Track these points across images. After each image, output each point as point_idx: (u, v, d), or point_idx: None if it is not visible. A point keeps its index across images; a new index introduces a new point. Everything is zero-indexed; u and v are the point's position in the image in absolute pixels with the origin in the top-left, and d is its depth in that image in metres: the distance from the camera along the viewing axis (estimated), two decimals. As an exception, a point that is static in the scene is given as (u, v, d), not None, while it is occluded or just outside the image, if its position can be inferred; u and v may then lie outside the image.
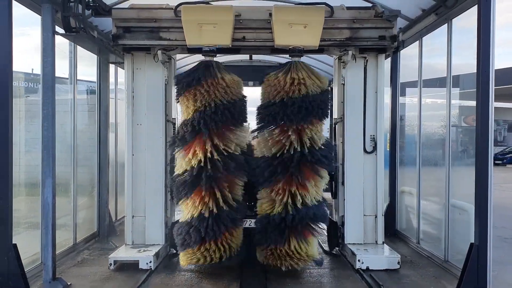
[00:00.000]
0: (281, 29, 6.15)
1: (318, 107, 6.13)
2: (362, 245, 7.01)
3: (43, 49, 5.63)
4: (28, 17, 5.94)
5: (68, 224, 7.39)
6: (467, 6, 5.82)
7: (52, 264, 5.58)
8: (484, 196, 5.35)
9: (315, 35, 6.14)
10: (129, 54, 6.93)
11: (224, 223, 5.91)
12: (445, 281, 5.89)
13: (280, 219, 5.95)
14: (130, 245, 7.00)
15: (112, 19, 6.42)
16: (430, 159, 7.56)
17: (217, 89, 5.98)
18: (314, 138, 6.11)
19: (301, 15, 6.13)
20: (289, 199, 5.97)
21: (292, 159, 5.98)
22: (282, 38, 6.20)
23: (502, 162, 32.01)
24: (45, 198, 5.64)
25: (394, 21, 6.47)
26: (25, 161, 6.50)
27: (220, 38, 6.16)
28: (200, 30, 6.09)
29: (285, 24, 6.10)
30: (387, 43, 6.51)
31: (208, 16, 6.13)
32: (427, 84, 7.66)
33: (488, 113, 5.33)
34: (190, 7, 6.16)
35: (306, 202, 5.99)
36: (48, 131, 5.61)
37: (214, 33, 6.10)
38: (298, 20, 6.11)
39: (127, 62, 7.00)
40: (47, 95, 5.62)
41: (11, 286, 5.21)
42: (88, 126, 8.32)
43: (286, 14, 6.16)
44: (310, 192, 6.03)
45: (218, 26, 6.09)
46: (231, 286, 5.81)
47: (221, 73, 6.10)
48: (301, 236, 6.06)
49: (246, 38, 6.45)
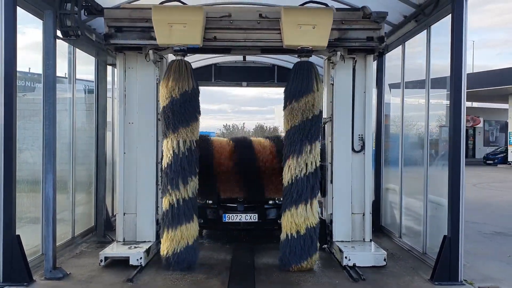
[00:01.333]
0: (290, 30, 6.20)
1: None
2: (350, 242, 7.13)
3: (45, 52, 6.00)
4: (23, 16, 6.06)
5: (67, 219, 7.72)
6: (443, 14, 6.22)
7: (52, 254, 5.95)
8: (456, 192, 5.78)
9: (323, 35, 6.21)
10: (121, 54, 6.99)
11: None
12: (421, 271, 6.29)
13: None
14: (121, 242, 7.09)
15: (104, 18, 6.47)
16: (411, 157, 7.96)
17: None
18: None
19: (310, 16, 6.20)
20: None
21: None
22: (291, 39, 6.26)
23: (493, 162, 32.56)
24: (46, 192, 6.01)
25: (382, 23, 6.57)
26: (23, 159, 6.75)
27: (191, 38, 6.21)
28: (170, 30, 6.14)
29: (294, 25, 6.17)
30: (375, 44, 6.61)
31: (178, 16, 6.16)
32: (410, 86, 8.04)
33: (460, 114, 5.76)
34: (160, 6, 6.23)
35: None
36: (49, 129, 5.97)
37: (184, 33, 6.15)
38: (307, 21, 6.17)
39: (119, 61, 7.06)
40: (48, 95, 5.99)
41: (15, 273, 5.58)
42: (86, 125, 8.66)
43: (295, 15, 6.21)
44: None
45: (188, 26, 6.13)
46: (221, 274, 6.19)
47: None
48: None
49: (237, 38, 6.55)
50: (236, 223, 7.76)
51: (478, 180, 20.80)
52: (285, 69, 12.96)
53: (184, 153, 6.33)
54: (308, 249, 6.30)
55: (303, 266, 6.29)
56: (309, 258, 6.31)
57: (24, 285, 5.57)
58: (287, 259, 6.32)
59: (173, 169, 6.29)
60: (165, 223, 6.38)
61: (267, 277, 6.14)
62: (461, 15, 5.66)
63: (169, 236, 6.33)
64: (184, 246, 6.30)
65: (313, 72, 6.37)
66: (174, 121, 6.28)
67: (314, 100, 6.30)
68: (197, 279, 6.04)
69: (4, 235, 5.58)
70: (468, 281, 5.84)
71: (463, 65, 5.77)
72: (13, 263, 5.61)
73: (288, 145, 6.43)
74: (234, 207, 7.82)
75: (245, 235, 8.46)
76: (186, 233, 6.33)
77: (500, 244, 8.15)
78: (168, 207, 6.36)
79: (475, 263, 6.79)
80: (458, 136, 5.77)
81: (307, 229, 6.30)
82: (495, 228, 9.50)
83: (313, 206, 6.38)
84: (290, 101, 6.36)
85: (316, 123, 6.42)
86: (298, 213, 6.30)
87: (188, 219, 6.36)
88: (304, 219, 6.30)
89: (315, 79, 6.34)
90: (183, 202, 6.34)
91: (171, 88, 6.25)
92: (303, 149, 6.31)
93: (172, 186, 6.31)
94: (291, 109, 6.36)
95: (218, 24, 6.46)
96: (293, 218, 6.31)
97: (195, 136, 6.47)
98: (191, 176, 6.40)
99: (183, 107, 6.29)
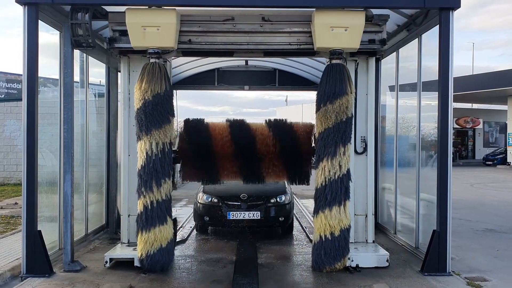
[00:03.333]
0: (322, 32, 6.17)
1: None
2: (353, 243, 7.07)
3: (64, 62, 6.50)
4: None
5: (80, 217, 8.17)
6: (432, 24, 6.68)
7: (70, 248, 6.44)
8: (444, 189, 6.25)
9: (355, 37, 6.18)
10: (126, 57, 7.07)
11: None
12: (413, 264, 6.74)
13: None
14: (126, 244, 7.22)
15: (109, 22, 6.55)
16: (404, 157, 8.42)
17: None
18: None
19: (342, 19, 6.14)
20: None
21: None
22: (323, 41, 6.23)
23: (493, 163, 32.88)
24: (64, 191, 6.49)
25: (384, 25, 6.59)
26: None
27: (164, 40, 6.22)
28: (144, 33, 6.14)
29: (326, 28, 6.14)
30: (376, 46, 6.61)
31: (151, 19, 6.15)
32: (405, 89, 8.47)
33: (447, 115, 6.23)
34: (133, 9, 6.18)
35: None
36: (68, 133, 6.46)
37: (157, 35, 6.15)
38: (340, 23, 6.12)
39: (123, 64, 7.15)
40: (67, 101, 6.48)
41: (37, 266, 6.07)
42: (96, 128, 9.12)
43: (327, 18, 6.15)
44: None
45: (161, 29, 6.14)
46: (226, 267, 6.67)
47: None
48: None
49: (240, 41, 6.65)
50: (239, 220, 8.23)
51: (476, 180, 21.19)
52: (286, 73, 13.46)
53: (157, 155, 6.30)
54: (342, 251, 6.35)
55: (336, 267, 6.37)
56: (342, 259, 6.38)
57: (46, 276, 6.05)
58: (321, 261, 6.36)
59: (146, 171, 6.28)
60: (139, 225, 6.34)
61: (269, 269, 6.61)
62: (447, 26, 6.14)
63: (143, 238, 6.29)
64: (158, 248, 6.29)
65: (345, 74, 6.40)
66: (146, 123, 6.27)
67: (347, 102, 6.32)
68: (204, 271, 6.52)
69: (27, 231, 6.08)
70: (456, 272, 6.30)
71: (449, 70, 6.22)
72: (35, 256, 6.09)
73: (322, 147, 6.42)
74: (238, 205, 8.29)
75: (248, 232, 8.92)
76: (160, 235, 6.30)
77: (490, 240, 8.56)
78: (142, 209, 6.32)
79: (465, 256, 7.24)
80: (445, 135, 6.23)
81: (341, 230, 6.32)
82: (487, 226, 9.92)
83: (346, 207, 6.40)
84: (324, 103, 6.34)
85: (350, 125, 6.45)
86: (333, 215, 6.32)
87: (162, 221, 6.33)
88: (338, 221, 6.31)
89: (348, 81, 6.38)
90: (156, 204, 6.30)
91: (144, 90, 6.27)
92: (337, 151, 6.32)
93: (146, 188, 6.28)
94: (324, 111, 6.34)
95: (221, 27, 6.58)
96: (327, 220, 6.32)
97: (168, 138, 6.44)
98: (164, 178, 6.36)
99: (155, 109, 6.27)
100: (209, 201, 8.51)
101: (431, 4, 6.18)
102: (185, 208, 12.43)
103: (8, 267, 6.29)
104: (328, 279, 6.14)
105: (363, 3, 6.18)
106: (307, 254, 7.49)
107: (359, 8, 6.21)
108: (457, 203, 12.81)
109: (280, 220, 8.49)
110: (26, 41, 6.02)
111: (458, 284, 5.86)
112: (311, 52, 7.06)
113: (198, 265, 6.86)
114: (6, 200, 13.20)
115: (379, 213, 9.51)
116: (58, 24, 6.69)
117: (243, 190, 8.52)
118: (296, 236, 8.92)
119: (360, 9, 6.22)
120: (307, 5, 6.28)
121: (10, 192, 14.84)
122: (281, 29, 6.63)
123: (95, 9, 6.51)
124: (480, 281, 6.00)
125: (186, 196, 14.95)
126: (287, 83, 13.62)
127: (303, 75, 13.41)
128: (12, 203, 12.35)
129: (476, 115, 38.67)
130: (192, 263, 7.01)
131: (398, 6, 6.60)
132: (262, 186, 8.88)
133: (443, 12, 6.17)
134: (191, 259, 7.26)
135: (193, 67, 12.21)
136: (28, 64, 6.04)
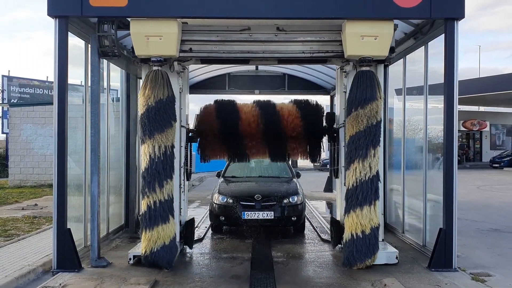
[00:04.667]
0: (353, 41, 6.51)
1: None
2: None
3: (91, 70, 6.92)
4: (32, 21, 6.83)
5: (102, 217, 8.52)
6: (438, 33, 7.04)
7: (97, 245, 6.85)
8: (450, 189, 6.60)
9: (384, 46, 6.53)
10: (147, 65, 7.16)
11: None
12: (421, 261, 7.09)
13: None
14: None
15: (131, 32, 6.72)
16: (412, 159, 8.76)
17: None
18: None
19: (372, 28, 6.49)
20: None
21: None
22: (354, 50, 6.56)
23: (499, 165, 33.03)
24: (92, 191, 6.90)
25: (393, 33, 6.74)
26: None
27: (166, 49, 6.57)
28: (147, 42, 6.49)
29: (357, 36, 6.49)
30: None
31: (154, 28, 6.49)
32: (413, 93, 8.81)
33: (452, 118, 6.58)
34: (137, 20, 6.53)
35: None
36: (95, 137, 6.88)
37: (160, 44, 6.50)
38: (370, 32, 6.47)
39: (144, 71, 7.25)
40: (94, 107, 6.89)
41: (66, 261, 6.48)
42: (115, 131, 9.52)
43: (359, 27, 6.50)
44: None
45: (164, 38, 6.50)
46: (243, 263, 7.05)
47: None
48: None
49: (256, 50, 7.05)
50: (254, 220, 8.61)
51: (483, 182, 21.44)
52: (295, 78, 13.86)
53: (159, 158, 6.60)
54: (372, 248, 6.63)
55: (366, 264, 6.63)
56: (373, 256, 6.65)
57: (75, 271, 6.46)
58: (353, 257, 6.62)
59: (149, 173, 6.59)
60: (143, 224, 6.67)
61: (284, 266, 6.98)
62: (452, 35, 6.52)
63: (147, 236, 6.60)
64: (161, 245, 6.56)
65: (375, 80, 6.72)
66: (150, 128, 6.58)
67: (378, 107, 6.64)
68: (223, 267, 6.91)
69: (57, 228, 6.51)
70: (461, 268, 6.64)
71: (454, 77, 6.57)
72: (65, 253, 6.51)
73: (353, 150, 6.73)
74: (252, 205, 8.66)
75: (262, 232, 9.30)
76: (163, 234, 6.59)
77: (495, 239, 8.88)
78: (146, 208, 6.63)
79: (470, 254, 7.57)
80: (451, 137, 6.60)
81: (371, 229, 6.61)
82: (492, 226, 10.23)
83: (376, 207, 6.69)
84: (356, 108, 6.66)
85: (379, 129, 6.73)
86: (363, 214, 6.60)
87: (164, 220, 6.62)
88: (369, 220, 6.61)
89: (377, 87, 6.70)
90: (159, 204, 6.60)
91: (147, 96, 6.58)
92: (369, 153, 6.63)
93: (149, 188, 6.59)
94: (356, 115, 6.66)
95: (238, 37, 6.97)
96: (358, 219, 6.61)
97: (170, 141, 6.72)
98: (166, 180, 6.66)
99: (158, 114, 6.57)
100: (224, 202, 8.90)
101: (437, 15, 6.55)
102: (199, 209, 12.81)
103: (40, 263, 6.70)
104: (340, 274, 6.51)
105: (372, 14, 6.52)
106: (319, 252, 7.88)
107: (369, 19, 6.56)
108: (463, 205, 13.13)
109: (292, 220, 8.86)
110: (57, 51, 6.45)
111: (463, 279, 6.19)
112: (323, 59, 7.48)
113: (216, 262, 7.25)
114: (25, 201, 13.67)
115: (387, 213, 9.82)
116: (84, 34, 7.12)
117: (257, 191, 8.91)
118: (307, 235, 9.29)
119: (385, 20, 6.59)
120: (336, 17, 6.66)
121: (28, 194, 15.32)
122: (295, 38, 7.01)
123: (120, 20, 6.92)
124: (484, 276, 6.33)
125: (199, 198, 15.38)
126: (296, 88, 14.02)
127: (312, 79, 13.83)
128: (32, 204, 12.81)
129: (483, 118, 38.84)
130: (210, 260, 7.41)
131: (406, 17, 6.94)
132: (275, 187, 9.32)
133: (448, 22, 6.54)
134: (209, 256, 7.66)
135: (204, 72, 12.59)
136: (59, 72, 6.47)
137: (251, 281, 6.18)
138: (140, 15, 6.51)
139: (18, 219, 10.49)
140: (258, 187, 9.40)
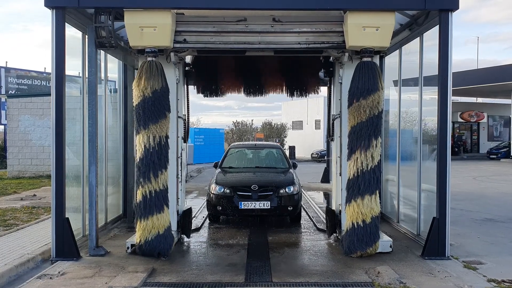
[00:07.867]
0: (354, 32, 6.54)
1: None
2: None
3: (88, 61, 6.96)
4: (29, 12, 6.85)
5: (100, 207, 8.62)
6: (433, 24, 7.09)
7: (95, 234, 6.93)
8: (443, 179, 6.69)
9: (386, 37, 6.57)
10: (143, 56, 7.15)
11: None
12: (414, 249, 7.20)
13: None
14: None
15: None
16: (407, 149, 8.85)
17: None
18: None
19: (374, 19, 6.52)
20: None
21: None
22: (355, 40, 6.59)
23: (497, 156, 33.21)
24: (90, 181, 6.97)
25: None
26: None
27: (160, 40, 6.60)
28: (142, 33, 6.53)
29: (359, 27, 6.52)
30: None
31: (148, 19, 6.51)
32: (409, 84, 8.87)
33: (446, 109, 6.65)
34: (132, 11, 6.55)
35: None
36: (92, 127, 6.93)
37: (154, 35, 6.54)
38: (371, 23, 6.50)
39: (141, 62, 7.21)
40: (91, 98, 6.94)
41: (65, 250, 6.58)
42: (112, 123, 9.57)
43: (360, 18, 6.53)
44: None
45: (158, 29, 6.53)
46: (240, 252, 7.16)
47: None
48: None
49: (252, 41, 7.04)
50: (251, 210, 8.70)
51: (479, 173, 21.58)
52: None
53: (154, 148, 6.67)
54: (373, 237, 6.71)
55: (367, 252, 6.73)
56: (374, 245, 6.73)
57: (74, 260, 6.55)
58: (354, 246, 6.71)
59: (144, 163, 6.67)
60: (138, 213, 6.74)
61: (280, 254, 7.09)
62: (446, 26, 6.57)
63: (141, 225, 6.69)
64: (155, 235, 6.65)
65: (377, 71, 6.74)
66: (144, 118, 6.64)
67: (379, 97, 6.68)
68: (220, 256, 7.01)
69: (56, 217, 6.60)
70: (454, 257, 6.75)
71: (448, 68, 6.64)
72: (64, 241, 6.60)
73: (354, 140, 6.79)
74: (249, 195, 8.75)
75: (258, 221, 9.42)
76: (157, 223, 6.67)
77: (488, 228, 8.99)
78: (141, 198, 6.70)
79: (463, 243, 7.69)
80: (444, 128, 6.67)
81: (372, 218, 6.68)
82: (486, 215, 10.35)
83: (376, 197, 6.76)
84: (357, 99, 6.69)
85: (381, 119, 6.80)
86: (364, 203, 6.68)
87: (159, 209, 6.71)
88: (370, 209, 6.68)
89: (379, 78, 6.73)
90: (154, 193, 6.67)
91: (143, 87, 6.64)
92: (371, 143, 6.68)
93: (144, 178, 6.67)
94: (358, 106, 6.69)
95: (234, 27, 6.94)
96: (359, 209, 6.68)
97: (164, 132, 6.79)
98: (161, 170, 6.74)
99: (153, 104, 6.64)
100: (221, 192, 8.98)
101: (431, 6, 6.60)
102: (196, 200, 12.92)
103: (39, 252, 6.78)
104: (335, 262, 6.61)
105: (367, 5, 6.56)
106: (314, 240, 7.99)
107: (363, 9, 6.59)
108: (459, 195, 13.27)
109: (289, 209, 8.96)
110: (54, 42, 6.49)
111: (456, 267, 6.31)
112: (319, 50, 7.52)
113: (213, 251, 7.36)
114: (24, 192, 13.75)
115: (382, 204, 9.90)
116: (81, 25, 7.16)
117: (254, 181, 9.00)
118: (303, 225, 9.40)
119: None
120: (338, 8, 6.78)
121: (26, 185, 15.40)
122: (290, 29, 7.03)
123: (116, 11, 6.95)
124: (476, 264, 6.45)
125: (196, 189, 15.48)
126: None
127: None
128: (30, 195, 12.89)
129: (480, 109, 38.94)
130: (207, 248, 7.52)
131: (401, 8, 6.99)
132: (271, 178, 9.41)
133: (442, 13, 6.59)
134: (206, 245, 7.77)
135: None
136: (57, 63, 6.52)
137: (247, 269, 6.28)
138: (136, 5, 6.54)
139: (17, 209, 10.58)
140: (255, 177, 9.49)
